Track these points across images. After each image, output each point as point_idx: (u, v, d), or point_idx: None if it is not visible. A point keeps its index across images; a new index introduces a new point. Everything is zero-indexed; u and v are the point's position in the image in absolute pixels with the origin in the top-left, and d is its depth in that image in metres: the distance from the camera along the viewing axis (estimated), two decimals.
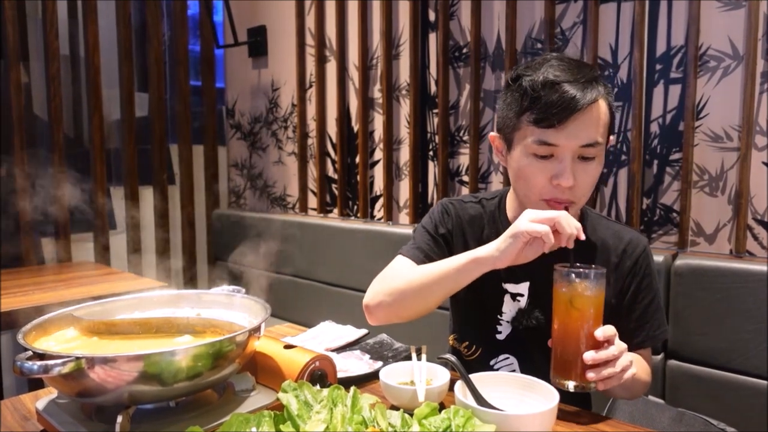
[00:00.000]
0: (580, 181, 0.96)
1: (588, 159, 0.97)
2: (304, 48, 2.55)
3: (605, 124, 0.97)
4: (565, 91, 0.93)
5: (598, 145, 0.96)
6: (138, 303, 1.03)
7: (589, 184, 0.99)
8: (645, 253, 1.09)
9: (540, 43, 1.80)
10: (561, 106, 0.92)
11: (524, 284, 1.09)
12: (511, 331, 1.10)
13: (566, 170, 0.94)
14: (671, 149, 1.58)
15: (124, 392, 0.74)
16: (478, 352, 1.15)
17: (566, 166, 0.95)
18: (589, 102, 0.93)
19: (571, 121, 0.93)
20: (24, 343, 0.77)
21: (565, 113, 0.92)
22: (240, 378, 0.90)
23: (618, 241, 1.09)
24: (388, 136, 2.23)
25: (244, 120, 2.92)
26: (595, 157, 0.97)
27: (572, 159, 0.95)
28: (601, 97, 0.96)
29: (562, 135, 0.93)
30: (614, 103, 1.02)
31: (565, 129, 0.93)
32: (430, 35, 2.09)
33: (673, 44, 1.56)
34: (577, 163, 0.96)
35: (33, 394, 0.98)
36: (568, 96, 0.92)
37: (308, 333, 1.33)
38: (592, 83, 0.95)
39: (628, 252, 1.08)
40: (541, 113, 0.94)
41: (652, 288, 1.09)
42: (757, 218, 1.46)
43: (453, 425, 0.70)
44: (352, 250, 2.13)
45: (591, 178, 0.98)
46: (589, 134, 0.94)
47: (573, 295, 0.89)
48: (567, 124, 0.93)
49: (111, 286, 1.92)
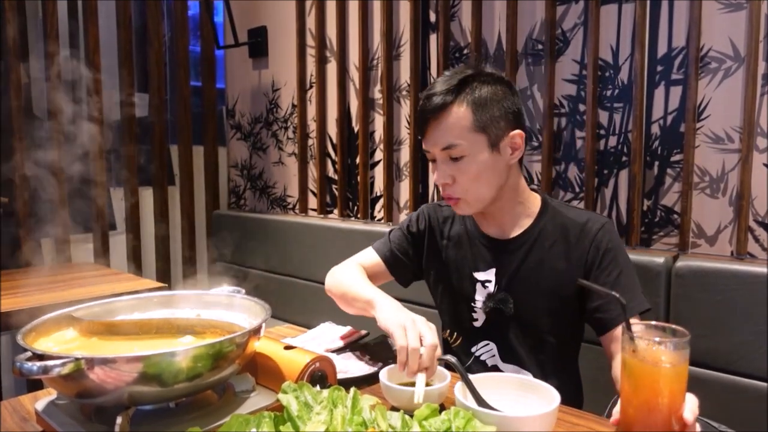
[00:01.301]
0: (458, 179, 1.09)
1: (457, 159, 1.08)
2: (305, 49, 2.55)
3: (463, 127, 1.07)
4: (424, 104, 1.10)
5: (457, 146, 1.07)
6: (138, 304, 1.02)
7: (467, 181, 1.09)
8: (604, 229, 1.12)
9: (540, 44, 1.80)
10: (420, 118, 1.10)
11: (491, 271, 1.18)
12: (486, 317, 1.18)
13: (437, 170, 1.11)
14: (672, 151, 1.58)
15: (124, 393, 0.73)
16: (460, 340, 1.24)
17: (437, 167, 1.11)
18: (436, 110, 1.07)
19: (429, 128, 1.09)
20: (23, 343, 0.76)
21: (422, 123, 1.10)
22: (240, 379, 0.89)
23: (576, 223, 1.14)
24: (389, 137, 2.22)
25: (245, 120, 2.92)
26: (464, 156, 1.08)
27: (443, 161, 1.10)
28: (456, 103, 1.07)
29: (428, 141, 1.11)
30: (513, 101, 1.11)
31: (428, 136, 1.10)
32: (430, 36, 2.09)
33: (674, 45, 1.56)
34: (450, 164, 1.09)
35: (32, 395, 0.98)
36: (423, 107, 1.09)
37: (308, 334, 1.33)
38: (447, 93, 1.08)
39: (586, 231, 1.12)
40: (418, 124, 1.13)
41: (617, 263, 1.10)
42: (758, 220, 1.45)
43: (453, 426, 0.70)
44: (352, 251, 2.11)
45: (466, 175, 1.09)
46: (443, 138, 1.08)
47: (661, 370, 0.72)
48: (428, 131, 1.10)
49: (111, 287, 1.92)
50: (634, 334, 0.73)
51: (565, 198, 1.79)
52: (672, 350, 0.72)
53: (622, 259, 1.11)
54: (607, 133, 1.69)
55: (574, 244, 1.13)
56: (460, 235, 1.24)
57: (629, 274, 1.11)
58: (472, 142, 1.08)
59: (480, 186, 1.10)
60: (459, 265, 1.22)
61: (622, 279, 1.09)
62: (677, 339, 0.72)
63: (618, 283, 1.08)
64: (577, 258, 1.12)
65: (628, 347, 0.73)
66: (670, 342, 0.72)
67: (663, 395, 0.71)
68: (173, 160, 2.84)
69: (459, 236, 1.24)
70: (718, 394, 1.34)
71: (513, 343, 1.15)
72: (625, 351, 0.74)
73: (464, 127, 1.07)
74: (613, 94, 1.67)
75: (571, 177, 1.77)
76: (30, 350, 0.73)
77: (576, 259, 1.12)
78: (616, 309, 1.06)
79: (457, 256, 1.23)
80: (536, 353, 1.14)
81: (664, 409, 0.71)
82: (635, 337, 0.73)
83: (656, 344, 0.72)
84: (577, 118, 1.75)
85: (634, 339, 0.73)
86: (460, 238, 1.24)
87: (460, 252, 1.23)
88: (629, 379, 0.73)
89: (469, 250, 1.21)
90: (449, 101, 1.08)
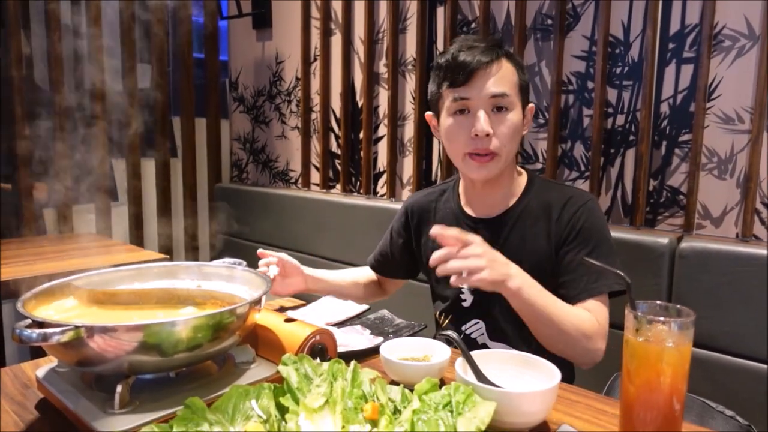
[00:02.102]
0: (498, 131, 1.10)
1: (501, 109, 1.10)
2: (309, 20, 2.50)
3: (512, 81, 1.11)
4: (467, 55, 1.10)
5: (507, 96, 1.09)
6: (138, 274, 1.02)
7: (507, 135, 1.10)
8: (586, 206, 1.13)
9: (550, 19, 1.76)
10: (466, 65, 1.09)
11: None
12: (474, 297, 1.21)
13: (480, 119, 1.08)
14: (681, 130, 1.56)
15: (124, 362, 0.73)
16: (449, 319, 1.26)
17: (480, 116, 1.09)
18: (489, 59, 1.09)
19: (476, 76, 1.09)
20: (23, 311, 0.76)
21: (470, 69, 1.09)
22: (240, 350, 0.89)
23: (561, 198, 1.16)
24: (393, 112, 2.20)
25: (248, 93, 2.89)
26: (509, 109, 1.10)
27: (486, 111, 1.09)
28: (504, 57, 1.11)
29: (472, 89, 1.09)
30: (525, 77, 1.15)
31: (473, 84, 1.09)
32: (437, 9, 2.05)
33: (687, 22, 1.52)
34: (492, 115, 1.10)
35: (33, 363, 0.98)
36: (471, 56, 1.09)
37: (309, 307, 1.33)
38: (493, 48, 1.11)
39: (568, 206, 1.14)
40: (453, 75, 1.10)
41: (589, 242, 1.10)
42: (765, 202, 1.44)
43: (453, 401, 0.70)
44: (354, 226, 2.12)
45: (507, 129, 1.10)
46: (496, 86, 1.09)
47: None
48: (474, 79, 1.09)
49: (112, 258, 1.92)
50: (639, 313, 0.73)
51: (570, 177, 1.77)
52: (676, 330, 0.71)
53: (597, 238, 1.11)
54: (615, 112, 1.66)
55: (555, 221, 1.14)
56: (447, 217, 1.26)
57: (603, 253, 1.10)
58: (516, 97, 1.12)
59: (513, 144, 1.12)
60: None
61: (591, 257, 1.06)
62: (682, 319, 0.72)
63: (584, 262, 1.06)
64: (555, 234, 1.13)
65: (632, 326, 0.72)
66: (674, 322, 0.71)
67: (665, 375, 0.70)
68: (175, 132, 2.82)
69: (445, 219, 1.25)
70: (719, 376, 1.34)
71: (500, 321, 1.17)
72: (628, 330, 0.73)
73: (512, 82, 1.12)
74: (622, 72, 1.64)
75: (577, 155, 1.75)
76: (30, 317, 0.73)
77: (554, 236, 1.13)
78: (578, 287, 1.09)
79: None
80: (522, 330, 1.13)
81: (665, 389, 0.70)
82: (639, 315, 0.72)
83: (660, 324, 0.71)
84: (585, 96, 1.72)
85: (638, 318, 0.72)
86: (446, 222, 1.24)
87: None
88: (632, 358, 0.73)
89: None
90: (500, 54, 1.11)
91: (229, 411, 0.68)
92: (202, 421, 0.66)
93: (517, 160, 1.88)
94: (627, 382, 0.74)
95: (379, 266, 1.44)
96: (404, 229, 1.37)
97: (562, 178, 1.79)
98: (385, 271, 1.44)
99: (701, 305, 1.35)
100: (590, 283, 1.08)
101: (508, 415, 0.73)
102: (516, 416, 0.74)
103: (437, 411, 0.68)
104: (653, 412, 0.71)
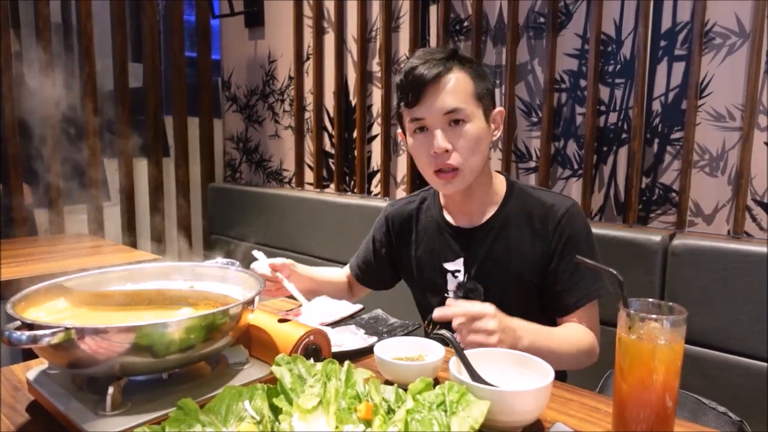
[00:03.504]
0: (457, 145, 1.08)
1: (458, 123, 1.08)
2: (302, 19, 2.50)
3: (466, 92, 1.08)
4: (417, 73, 1.07)
5: (461, 110, 1.07)
6: (130, 275, 1.01)
7: (468, 148, 1.08)
8: (568, 213, 1.12)
9: (542, 17, 1.76)
10: (415, 85, 1.07)
11: (459, 260, 1.18)
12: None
13: (436, 137, 1.07)
14: (673, 128, 1.57)
15: (115, 364, 0.73)
16: (437, 328, 1.23)
17: (437, 134, 1.07)
18: (437, 75, 1.06)
19: (427, 94, 1.07)
20: (13, 312, 0.75)
21: (419, 89, 1.07)
22: (233, 351, 0.89)
23: (541, 207, 1.14)
24: (387, 111, 2.20)
25: (240, 92, 2.88)
26: (466, 120, 1.08)
27: (442, 127, 1.07)
28: (455, 69, 1.08)
29: (424, 108, 1.08)
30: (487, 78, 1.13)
31: (424, 102, 1.07)
32: (430, 7, 2.05)
33: (678, 20, 1.53)
34: (450, 129, 1.08)
35: (24, 365, 0.97)
36: (418, 75, 1.07)
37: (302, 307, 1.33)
38: (442, 61, 1.08)
39: (551, 216, 1.12)
40: (405, 95, 1.10)
41: (579, 249, 1.09)
42: (757, 199, 1.45)
43: (447, 401, 0.70)
44: (348, 226, 2.12)
45: (467, 142, 1.08)
46: (447, 102, 1.07)
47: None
48: (425, 97, 1.07)
49: (104, 258, 1.91)
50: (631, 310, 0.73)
51: (563, 175, 1.78)
52: (668, 328, 0.71)
53: (583, 245, 1.11)
54: (608, 110, 1.67)
55: (539, 229, 1.13)
56: (429, 227, 1.24)
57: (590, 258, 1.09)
58: (473, 107, 1.09)
59: (476, 156, 1.10)
60: (430, 257, 1.23)
61: (581, 266, 1.08)
62: (674, 316, 0.72)
63: (577, 270, 1.09)
64: (541, 243, 1.12)
65: (624, 324, 0.73)
66: (667, 319, 0.71)
67: (658, 372, 0.70)
68: (168, 131, 2.81)
69: (427, 229, 1.24)
70: (711, 372, 1.35)
71: None
72: (620, 328, 0.73)
73: (467, 92, 1.09)
74: (614, 70, 1.64)
75: (569, 153, 1.76)
76: (19, 319, 0.72)
77: (540, 245, 1.12)
78: (577, 294, 1.09)
79: (427, 249, 1.24)
80: None
81: (658, 387, 0.71)
82: (631, 313, 0.72)
83: (652, 321, 0.72)
84: (578, 94, 1.72)
85: (630, 315, 0.72)
86: (428, 231, 1.24)
87: (430, 245, 1.23)
88: (624, 355, 0.73)
89: (438, 241, 1.22)
90: (450, 67, 1.08)
91: (222, 412, 0.68)
92: (195, 423, 0.65)
93: (511, 160, 1.89)
94: (620, 379, 0.74)
95: (363, 275, 1.40)
96: (386, 239, 1.33)
97: (555, 177, 1.79)
98: (368, 281, 1.41)
99: (694, 302, 1.36)
100: (589, 288, 1.09)
101: (502, 414, 0.73)
102: (510, 415, 0.74)
103: (431, 410, 0.68)
104: (646, 410, 0.71)
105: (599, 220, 1.71)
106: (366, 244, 1.39)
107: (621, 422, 0.74)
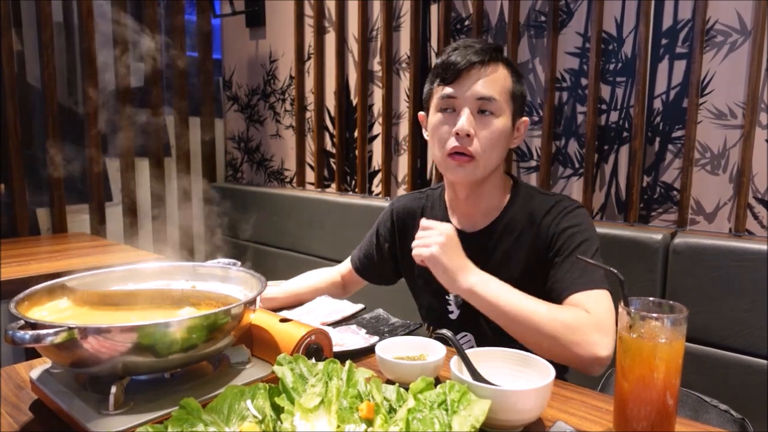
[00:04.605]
0: (480, 134, 1.08)
1: (486, 113, 1.08)
2: (303, 18, 2.50)
3: (503, 86, 1.09)
4: (462, 53, 1.08)
5: (494, 101, 1.07)
6: (132, 274, 1.01)
7: (490, 141, 1.08)
8: (567, 209, 1.12)
9: (543, 16, 1.76)
10: (457, 64, 1.08)
11: None
12: (461, 310, 1.19)
13: (462, 116, 1.07)
14: (674, 126, 1.56)
15: (118, 363, 0.73)
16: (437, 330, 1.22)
17: (463, 115, 1.07)
18: (482, 60, 1.07)
19: (465, 75, 1.07)
20: (16, 312, 0.76)
21: (460, 68, 1.07)
22: (235, 351, 0.89)
23: (544, 206, 1.14)
24: (388, 110, 2.20)
25: (242, 92, 2.88)
26: (495, 114, 1.08)
27: (471, 111, 1.07)
28: (499, 62, 1.10)
29: (459, 87, 1.08)
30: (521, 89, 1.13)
31: (461, 82, 1.08)
32: (431, 6, 2.05)
33: (679, 18, 1.53)
34: (477, 117, 1.08)
35: (27, 364, 0.98)
36: (463, 56, 1.08)
37: (304, 307, 1.33)
38: (488, 50, 1.09)
39: (552, 212, 1.13)
40: (444, 71, 1.09)
41: (574, 240, 1.08)
42: (758, 197, 1.44)
43: (448, 400, 0.70)
44: (349, 226, 2.12)
45: (490, 134, 1.08)
46: (485, 89, 1.07)
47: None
48: (462, 78, 1.08)
49: (106, 258, 1.91)
50: (632, 309, 0.73)
51: (564, 174, 1.78)
52: (669, 326, 0.71)
53: (578, 238, 1.08)
54: (609, 108, 1.66)
55: (539, 230, 1.12)
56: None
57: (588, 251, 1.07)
58: (505, 104, 1.09)
59: (494, 151, 1.10)
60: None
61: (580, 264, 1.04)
62: (674, 315, 0.72)
63: (576, 266, 1.05)
64: (540, 241, 1.12)
65: (625, 323, 0.73)
66: (667, 318, 0.72)
67: (659, 371, 0.71)
68: (169, 131, 2.81)
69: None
70: (712, 370, 1.35)
71: (488, 333, 1.15)
72: (621, 326, 0.74)
73: (504, 88, 1.09)
74: (616, 68, 1.64)
75: (571, 152, 1.76)
76: (23, 318, 0.72)
77: (540, 243, 1.12)
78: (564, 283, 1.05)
79: None
80: (513, 344, 1.12)
81: (659, 385, 0.71)
82: (632, 312, 0.72)
83: (653, 320, 0.72)
84: (579, 93, 1.72)
85: (631, 314, 0.72)
86: None
87: None
88: (625, 354, 0.73)
89: None
90: (496, 57, 1.09)
91: (224, 411, 0.68)
92: (197, 422, 0.65)
93: (506, 168, 1.89)
94: (621, 378, 0.74)
95: (363, 268, 1.40)
96: (389, 233, 1.34)
97: (556, 176, 1.79)
98: (368, 274, 1.41)
99: (695, 300, 1.36)
100: (575, 279, 1.04)
101: (503, 412, 0.73)
102: (511, 414, 0.74)
103: (432, 410, 0.68)
104: (647, 408, 0.71)
105: (600, 218, 1.71)
106: (369, 236, 1.39)
107: (622, 421, 0.74)
